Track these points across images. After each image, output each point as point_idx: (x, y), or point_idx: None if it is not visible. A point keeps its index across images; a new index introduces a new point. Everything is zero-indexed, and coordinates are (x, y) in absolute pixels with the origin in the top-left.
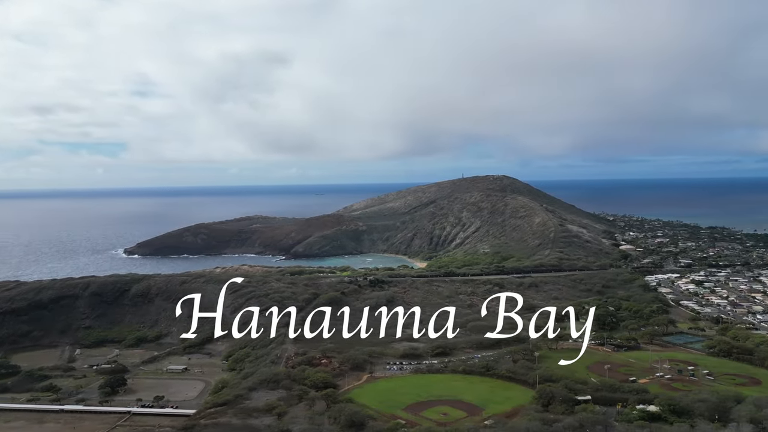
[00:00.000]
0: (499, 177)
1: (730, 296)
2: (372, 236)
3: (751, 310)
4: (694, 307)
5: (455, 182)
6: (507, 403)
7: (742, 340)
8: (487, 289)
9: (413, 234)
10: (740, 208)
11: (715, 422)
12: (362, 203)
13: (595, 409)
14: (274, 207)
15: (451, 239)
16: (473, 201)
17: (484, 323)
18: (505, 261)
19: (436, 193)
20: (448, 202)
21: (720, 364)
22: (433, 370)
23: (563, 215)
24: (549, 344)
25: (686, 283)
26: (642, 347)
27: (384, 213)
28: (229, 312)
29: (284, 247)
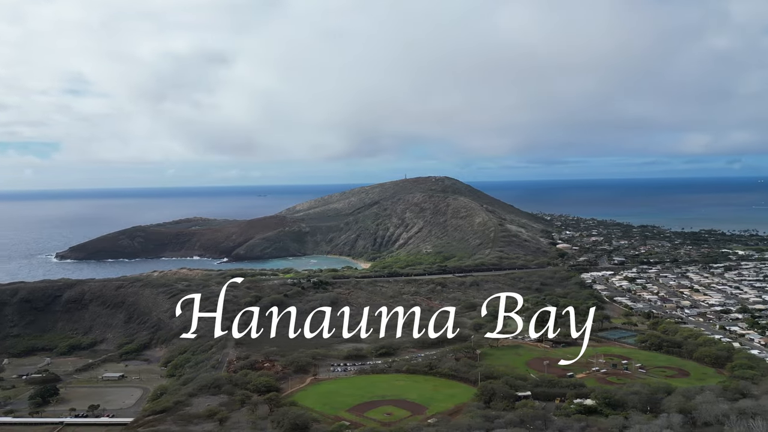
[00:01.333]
0: (440, 178)
1: (661, 292)
2: (316, 237)
3: (680, 305)
4: (627, 302)
5: (398, 183)
6: (450, 401)
7: (671, 333)
8: (430, 289)
9: (357, 235)
10: (669, 207)
11: (647, 413)
12: (306, 204)
13: (535, 404)
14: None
15: (395, 240)
16: (416, 202)
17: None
18: (447, 261)
19: (379, 194)
20: (391, 203)
21: (651, 358)
22: (377, 371)
23: (503, 215)
24: (490, 342)
25: (620, 279)
26: (579, 343)
27: (328, 214)
28: (168, 317)
29: (225, 249)
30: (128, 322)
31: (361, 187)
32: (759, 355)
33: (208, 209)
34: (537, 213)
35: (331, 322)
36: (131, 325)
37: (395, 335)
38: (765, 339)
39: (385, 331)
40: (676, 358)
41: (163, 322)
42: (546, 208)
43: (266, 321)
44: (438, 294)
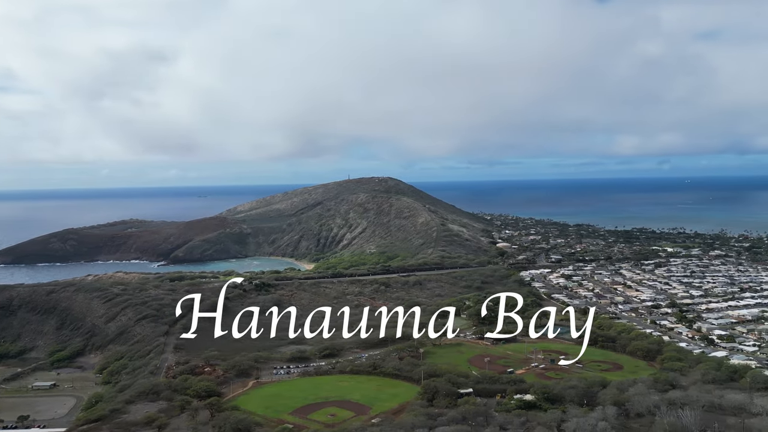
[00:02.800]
0: (384, 178)
1: (596, 288)
2: (258, 239)
3: (614, 301)
4: (564, 299)
5: (341, 183)
6: (394, 401)
7: (606, 329)
8: (374, 289)
9: (300, 236)
10: (603, 206)
11: (584, 407)
12: (247, 205)
13: (477, 401)
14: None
15: (339, 240)
16: (359, 202)
17: (372, 322)
18: (391, 260)
19: (322, 195)
20: (335, 203)
21: (587, 352)
22: (321, 372)
23: (445, 215)
24: (433, 340)
25: (557, 277)
26: (519, 339)
27: (270, 215)
28: (103, 322)
29: (163, 252)
30: (60, 329)
31: (305, 188)
32: (687, 348)
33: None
34: (478, 213)
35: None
36: (64, 332)
37: (339, 336)
38: (692, 332)
39: (329, 332)
40: (611, 352)
41: (98, 327)
42: (486, 208)
43: (207, 324)
44: (382, 294)
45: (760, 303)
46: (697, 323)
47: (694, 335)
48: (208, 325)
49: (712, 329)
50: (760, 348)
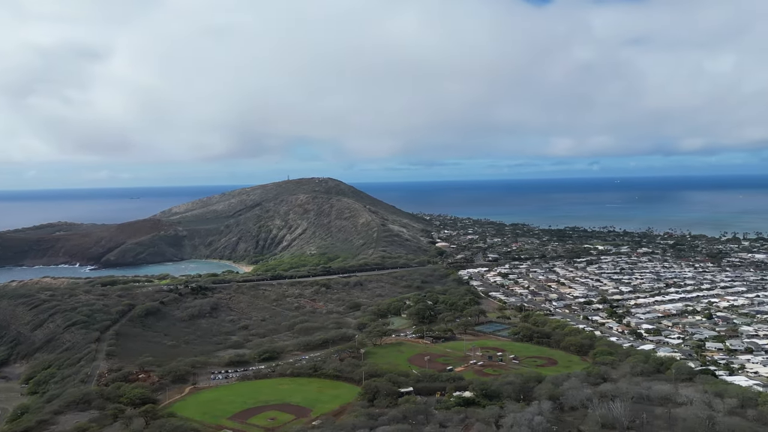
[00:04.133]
0: (324, 179)
1: (531, 286)
2: (194, 241)
3: (548, 298)
4: (501, 297)
5: (281, 184)
6: (335, 402)
7: (541, 325)
8: (314, 290)
9: (238, 238)
10: (538, 206)
11: (520, 402)
12: (183, 206)
13: (417, 399)
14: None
15: (278, 242)
16: (299, 203)
17: (313, 324)
18: (331, 261)
19: (261, 196)
20: (274, 204)
21: (524, 348)
22: (261, 376)
23: (385, 216)
24: (373, 340)
25: (494, 275)
26: (457, 337)
27: (207, 216)
28: (29, 330)
29: (94, 256)
30: None
31: (243, 189)
32: (617, 342)
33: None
34: (417, 213)
35: (211, 328)
36: None
37: (279, 339)
38: (622, 327)
39: (268, 335)
40: (546, 348)
41: (24, 335)
42: (426, 209)
43: (141, 330)
44: (323, 295)
45: (683, 298)
46: (626, 318)
47: (623, 330)
48: (142, 331)
49: (640, 324)
50: (683, 341)
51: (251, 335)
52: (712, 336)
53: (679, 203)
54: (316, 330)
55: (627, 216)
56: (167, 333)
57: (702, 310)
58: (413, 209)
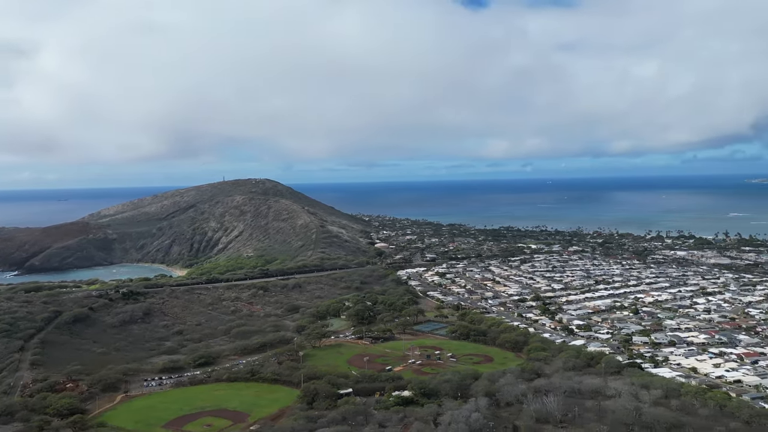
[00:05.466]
0: (261, 180)
1: (467, 285)
2: (125, 245)
3: (484, 296)
4: (438, 296)
5: (216, 185)
6: (273, 406)
7: (477, 323)
8: (251, 293)
9: (172, 240)
10: (474, 206)
11: (458, 399)
12: (113, 209)
13: (356, 400)
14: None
15: (214, 244)
16: (236, 204)
17: (250, 328)
18: (269, 264)
19: (196, 197)
20: (209, 206)
21: (461, 347)
22: (196, 382)
23: (324, 217)
24: (312, 342)
25: (432, 275)
26: (396, 337)
27: (138, 219)
28: None
29: (17, 261)
30: None
31: (176, 190)
32: (550, 338)
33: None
34: (356, 214)
35: (144, 334)
36: None
37: (216, 344)
38: (554, 323)
39: (204, 339)
40: (482, 346)
41: None
42: (365, 209)
43: (69, 337)
44: (260, 298)
45: (612, 294)
46: (558, 315)
47: (556, 326)
48: (70, 338)
49: (571, 320)
50: (612, 335)
51: (186, 340)
52: (638, 330)
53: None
54: (254, 333)
55: (558, 216)
56: (97, 340)
57: (629, 305)
58: (352, 210)
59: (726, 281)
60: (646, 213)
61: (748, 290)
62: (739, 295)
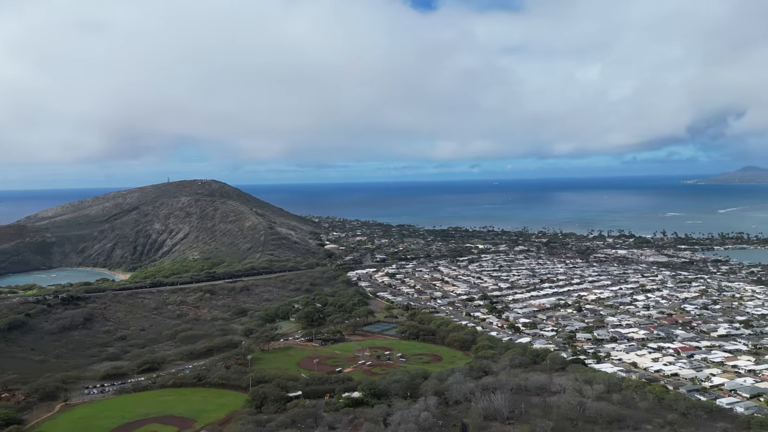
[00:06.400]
0: (207, 181)
1: (417, 285)
2: (64, 248)
3: (433, 296)
4: (388, 297)
5: (161, 187)
6: (220, 411)
7: (426, 323)
8: (198, 297)
9: (114, 244)
10: (423, 207)
11: (407, 399)
12: (52, 211)
13: (306, 403)
14: None
15: (158, 247)
16: (181, 206)
17: (197, 332)
18: (216, 266)
19: (139, 199)
20: (153, 207)
21: (410, 346)
22: (140, 388)
23: (273, 218)
24: (261, 346)
25: (382, 276)
26: (346, 339)
27: (79, 221)
28: None
29: None
30: None
31: (119, 191)
32: (497, 336)
33: None
34: (306, 215)
35: (85, 340)
36: None
37: (160, 349)
38: (501, 321)
39: (148, 345)
40: (432, 345)
41: None
42: (314, 211)
43: (3, 345)
44: (207, 302)
45: (556, 292)
46: (505, 313)
47: (503, 324)
48: (5, 346)
49: (518, 318)
50: (557, 332)
51: (129, 346)
52: (581, 327)
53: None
54: (200, 338)
55: (505, 216)
56: (34, 347)
57: (573, 303)
58: (302, 211)
59: (664, 278)
60: (589, 213)
61: (684, 287)
62: (676, 292)
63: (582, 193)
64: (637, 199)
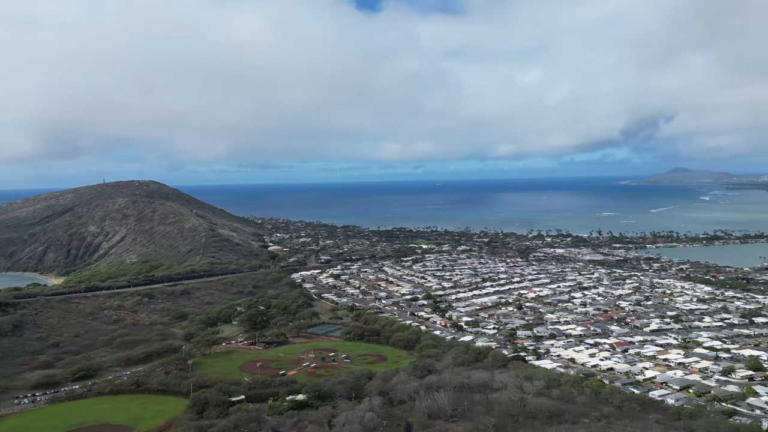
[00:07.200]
0: (146, 182)
1: (362, 286)
2: None
3: (378, 297)
4: (333, 298)
5: (96, 188)
6: (160, 418)
7: (371, 323)
8: (135, 301)
9: (46, 247)
10: (367, 208)
11: (352, 400)
12: None
13: (249, 407)
14: None
15: (94, 250)
16: (118, 208)
17: (135, 338)
18: (155, 270)
19: (73, 200)
20: (88, 209)
21: (355, 347)
22: (75, 396)
23: (214, 220)
24: (202, 350)
25: (326, 277)
26: (291, 341)
27: (7, 224)
28: None
29: None
30: None
31: (51, 193)
32: (441, 335)
33: None
34: (249, 217)
35: (14, 348)
36: None
37: (96, 355)
38: (445, 320)
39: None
40: (376, 345)
41: None
42: (257, 212)
43: None
44: (145, 306)
45: (498, 291)
46: (448, 312)
47: (446, 323)
48: None
49: (460, 317)
50: (498, 330)
51: (63, 353)
52: (522, 325)
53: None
54: (139, 343)
55: (448, 216)
56: None
57: (513, 301)
58: (244, 213)
59: (599, 276)
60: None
61: (619, 284)
62: (611, 289)
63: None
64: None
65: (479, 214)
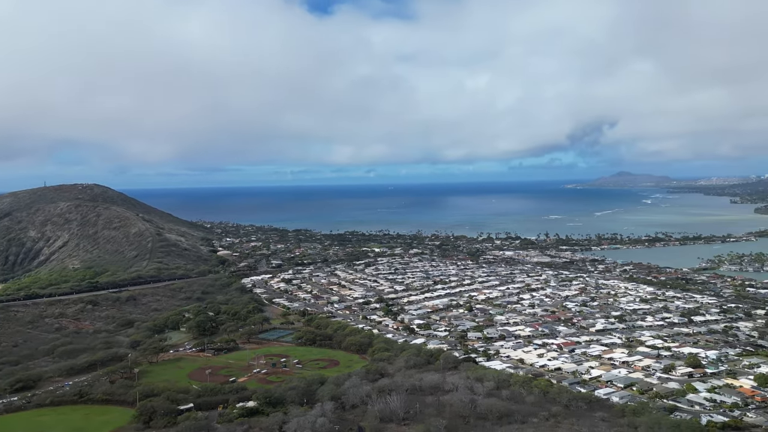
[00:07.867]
0: (89, 186)
1: (314, 290)
2: None
3: (330, 301)
4: (285, 303)
5: (36, 191)
6: (104, 428)
7: (323, 328)
8: (78, 309)
9: None
10: (320, 212)
11: (304, 405)
12: None
13: (198, 415)
14: None
15: (34, 256)
16: (60, 212)
17: (78, 346)
18: (99, 276)
19: (11, 205)
20: (28, 214)
21: (307, 352)
22: (13, 409)
23: (161, 224)
24: (149, 358)
25: (278, 282)
26: (241, 347)
27: None
28: None
29: None
30: None
31: None
32: (393, 338)
33: None
34: (197, 221)
35: None
36: None
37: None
38: (397, 323)
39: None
40: (329, 350)
41: None
42: (206, 216)
43: None
44: (89, 313)
45: (449, 293)
46: (400, 315)
47: (398, 326)
48: None
49: (412, 319)
50: (449, 332)
51: (0, 364)
52: (472, 326)
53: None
54: (82, 352)
55: (400, 220)
56: None
57: (464, 303)
58: (193, 217)
59: (547, 278)
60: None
61: (566, 285)
62: (558, 290)
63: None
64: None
65: (431, 218)
